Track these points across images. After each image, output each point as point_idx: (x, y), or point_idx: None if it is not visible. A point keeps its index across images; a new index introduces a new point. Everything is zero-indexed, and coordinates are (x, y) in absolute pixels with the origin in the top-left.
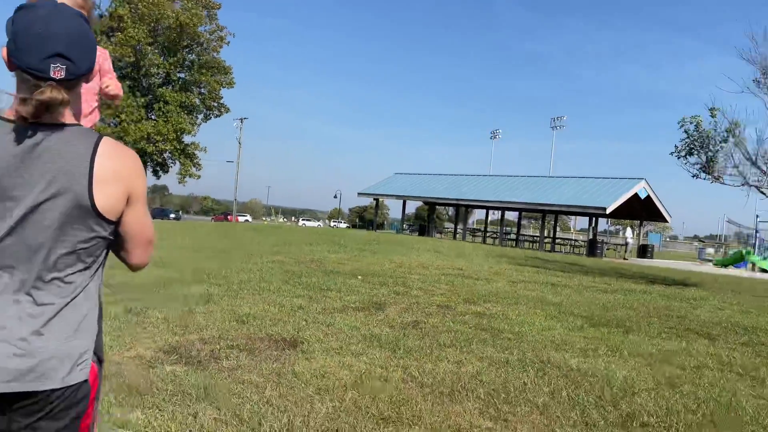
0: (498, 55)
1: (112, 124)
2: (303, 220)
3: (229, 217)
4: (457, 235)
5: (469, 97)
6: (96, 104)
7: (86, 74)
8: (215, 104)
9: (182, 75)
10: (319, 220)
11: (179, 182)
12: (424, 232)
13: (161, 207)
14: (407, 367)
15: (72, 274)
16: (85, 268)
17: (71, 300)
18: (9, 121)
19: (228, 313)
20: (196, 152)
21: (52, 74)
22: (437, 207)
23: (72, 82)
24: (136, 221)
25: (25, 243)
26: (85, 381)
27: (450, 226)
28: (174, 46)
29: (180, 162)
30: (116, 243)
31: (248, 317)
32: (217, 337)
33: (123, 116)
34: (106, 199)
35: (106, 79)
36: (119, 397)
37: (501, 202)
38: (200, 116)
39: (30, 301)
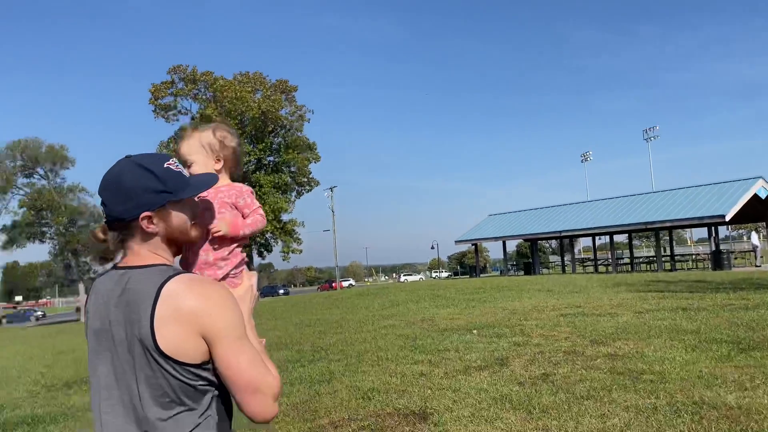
0: (573, 78)
1: None
2: (404, 275)
3: (333, 284)
4: (566, 268)
5: (551, 124)
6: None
7: (127, 219)
8: (305, 180)
9: (271, 158)
10: (419, 273)
11: (283, 259)
12: (529, 270)
13: (270, 285)
14: (548, 428)
15: (174, 415)
16: (189, 410)
17: None
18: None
19: (352, 389)
20: (295, 228)
21: (103, 213)
22: (539, 242)
23: (122, 223)
24: (225, 365)
25: (128, 387)
26: None
27: (555, 259)
28: (260, 133)
29: (282, 240)
30: None
31: (373, 392)
32: (346, 419)
33: None
34: (167, 341)
35: (218, 217)
36: None
37: (606, 227)
38: (293, 194)
39: None
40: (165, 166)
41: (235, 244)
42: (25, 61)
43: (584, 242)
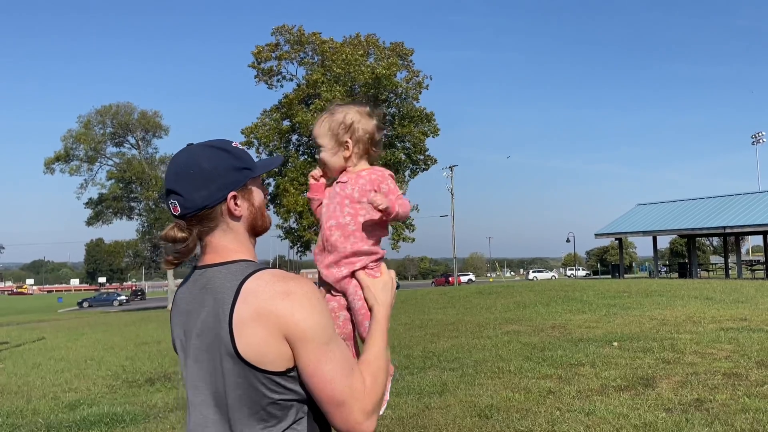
0: (744, 42)
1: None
2: (533, 272)
3: (450, 278)
4: (730, 272)
5: (716, 98)
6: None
7: (211, 205)
8: (421, 157)
9: (384, 131)
10: (551, 270)
11: (392, 248)
12: (684, 273)
13: None
14: None
15: (260, 429)
16: (270, 426)
17: None
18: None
19: (467, 405)
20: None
21: (173, 212)
22: (697, 239)
23: (199, 216)
24: (308, 373)
25: (214, 400)
26: None
27: (717, 260)
28: (372, 102)
29: (391, 226)
30: None
31: (491, 410)
32: None
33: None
34: (246, 345)
35: (373, 194)
36: None
37: None
38: (407, 173)
39: None
40: (233, 145)
41: (381, 234)
42: (118, 22)
43: (753, 241)
